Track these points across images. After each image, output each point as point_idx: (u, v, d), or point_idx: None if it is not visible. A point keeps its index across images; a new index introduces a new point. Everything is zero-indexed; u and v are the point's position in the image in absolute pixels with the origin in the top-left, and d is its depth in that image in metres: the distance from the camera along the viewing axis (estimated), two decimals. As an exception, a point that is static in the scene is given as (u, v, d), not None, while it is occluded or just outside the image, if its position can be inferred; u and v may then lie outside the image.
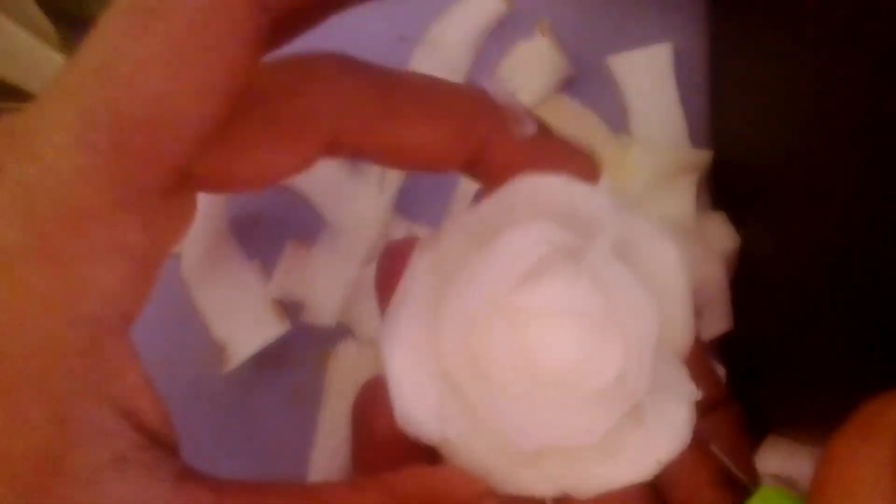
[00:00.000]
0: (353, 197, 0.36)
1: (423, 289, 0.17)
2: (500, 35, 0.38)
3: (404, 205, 0.36)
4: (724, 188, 0.37)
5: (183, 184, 0.14)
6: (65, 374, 0.13)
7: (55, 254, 0.13)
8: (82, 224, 0.13)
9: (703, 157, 0.37)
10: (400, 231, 0.36)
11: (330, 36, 0.39)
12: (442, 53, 0.37)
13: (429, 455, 0.17)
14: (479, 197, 0.19)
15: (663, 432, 0.17)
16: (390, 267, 0.18)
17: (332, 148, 0.17)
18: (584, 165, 0.18)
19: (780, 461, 0.35)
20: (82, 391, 0.13)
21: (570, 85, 0.38)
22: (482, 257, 0.16)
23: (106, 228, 0.13)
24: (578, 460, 0.17)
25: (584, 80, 0.38)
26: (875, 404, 0.17)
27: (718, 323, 0.36)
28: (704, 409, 0.21)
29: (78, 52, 0.13)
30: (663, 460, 0.17)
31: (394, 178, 0.36)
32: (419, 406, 0.16)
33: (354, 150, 0.17)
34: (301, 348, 0.36)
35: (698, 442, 0.20)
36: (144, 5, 0.13)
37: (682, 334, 0.18)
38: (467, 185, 0.37)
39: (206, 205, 0.34)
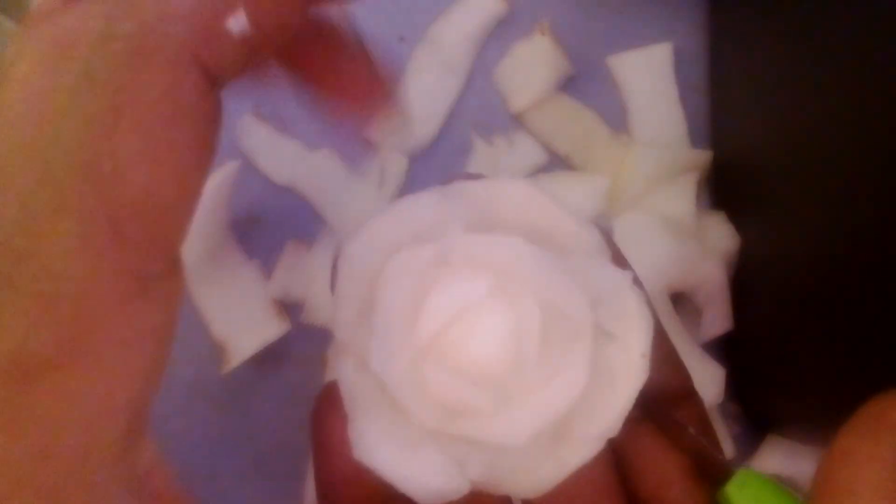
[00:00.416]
0: (353, 197, 0.36)
1: (359, 388, 0.17)
2: (500, 35, 0.38)
3: (404, 205, 0.36)
4: (723, 188, 0.37)
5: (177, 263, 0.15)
6: (102, 465, 0.14)
7: (86, 355, 0.13)
8: (105, 322, 0.13)
9: (703, 156, 0.37)
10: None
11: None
12: (442, 53, 0.37)
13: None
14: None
15: (636, 331, 0.17)
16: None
17: None
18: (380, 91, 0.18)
19: (780, 461, 0.35)
20: (115, 479, 0.14)
21: (570, 84, 0.38)
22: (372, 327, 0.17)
23: (127, 320, 0.14)
24: (590, 407, 0.17)
25: (583, 79, 0.38)
26: (880, 402, 0.17)
27: (718, 323, 0.36)
28: (672, 402, 0.21)
29: (50, 138, 0.13)
30: (646, 354, 0.17)
31: (394, 177, 0.36)
32: (431, 480, 0.16)
33: None
34: (301, 348, 0.36)
35: (667, 432, 0.20)
36: (108, 103, 0.13)
37: (586, 243, 0.18)
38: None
39: (207, 205, 0.34)
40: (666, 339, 0.21)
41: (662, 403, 0.20)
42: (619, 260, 0.18)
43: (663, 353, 0.21)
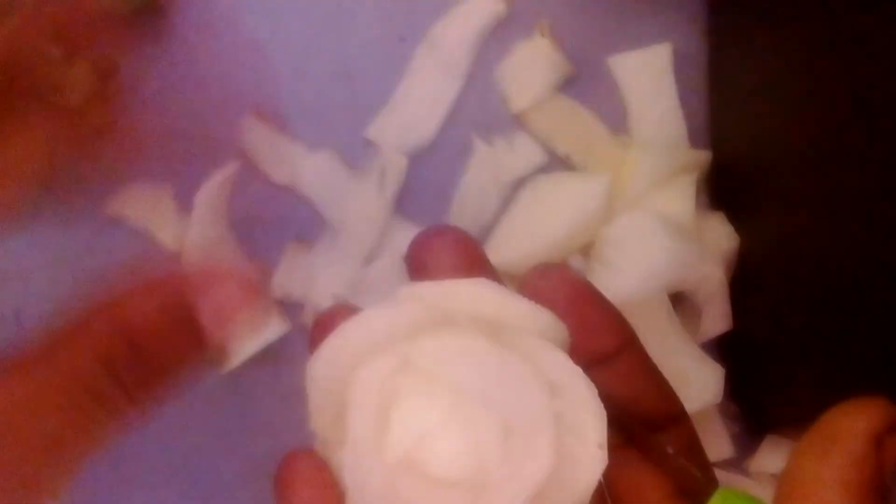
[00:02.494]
0: (353, 197, 0.36)
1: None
2: (501, 36, 0.38)
3: (404, 205, 0.37)
4: (723, 188, 0.37)
5: None
6: None
7: None
8: None
9: (702, 156, 0.37)
10: (400, 231, 0.36)
11: (331, 38, 0.39)
12: (442, 54, 0.37)
13: None
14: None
15: (590, 423, 0.18)
16: (318, 338, 0.19)
17: None
18: None
19: (780, 461, 0.35)
20: None
21: (570, 85, 0.38)
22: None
23: None
24: (557, 485, 0.17)
25: (583, 80, 0.38)
26: (831, 418, 0.17)
27: (718, 322, 0.36)
28: (658, 426, 0.21)
29: None
30: (603, 445, 0.18)
31: (394, 177, 0.36)
32: None
33: None
34: (301, 348, 0.36)
35: (649, 455, 0.20)
36: None
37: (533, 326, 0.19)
38: (468, 185, 0.37)
39: (207, 205, 0.34)
40: (650, 363, 0.21)
41: (646, 428, 0.20)
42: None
43: (647, 378, 0.21)
